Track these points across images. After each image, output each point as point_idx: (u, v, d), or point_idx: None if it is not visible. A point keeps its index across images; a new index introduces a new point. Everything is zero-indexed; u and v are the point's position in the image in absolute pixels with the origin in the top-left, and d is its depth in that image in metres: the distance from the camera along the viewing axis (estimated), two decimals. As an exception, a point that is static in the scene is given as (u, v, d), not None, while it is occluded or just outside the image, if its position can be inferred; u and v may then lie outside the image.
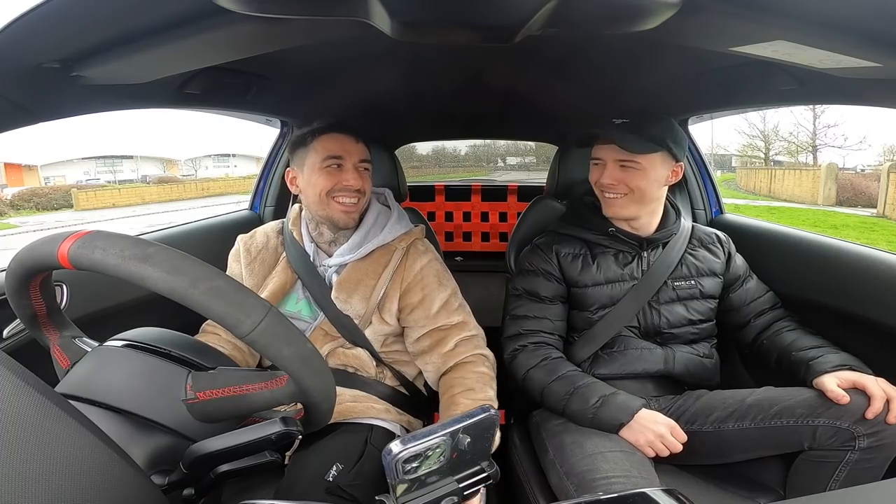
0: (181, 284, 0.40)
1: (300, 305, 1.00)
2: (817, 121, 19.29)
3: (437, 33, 0.59)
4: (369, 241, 0.99)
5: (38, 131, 17.76)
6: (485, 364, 0.96)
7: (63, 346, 0.54)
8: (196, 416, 0.48)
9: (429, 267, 1.01)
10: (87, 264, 0.41)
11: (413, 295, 0.98)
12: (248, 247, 1.06)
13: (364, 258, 0.99)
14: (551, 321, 1.03)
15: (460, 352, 0.96)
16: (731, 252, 1.10)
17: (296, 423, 0.47)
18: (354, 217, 0.98)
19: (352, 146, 0.97)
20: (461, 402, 0.88)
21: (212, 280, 0.41)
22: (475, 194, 2.09)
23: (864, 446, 0.77)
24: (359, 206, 0.98)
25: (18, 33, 0.52)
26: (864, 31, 0.52)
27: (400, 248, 1.01)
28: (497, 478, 0.44)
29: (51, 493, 0.31)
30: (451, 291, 1.01)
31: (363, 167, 0.99)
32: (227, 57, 0.80)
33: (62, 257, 0.42)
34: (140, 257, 0.40)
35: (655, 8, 0.50)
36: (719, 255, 1.08)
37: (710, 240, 1.10)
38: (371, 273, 0.98)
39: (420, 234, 1.07)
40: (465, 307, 1.03)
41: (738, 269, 1.08)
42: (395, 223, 1.03)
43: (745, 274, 1.09)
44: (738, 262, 1.09)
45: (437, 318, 0.97)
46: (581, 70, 1.12)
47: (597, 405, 0.88)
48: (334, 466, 0.79)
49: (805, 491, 0.83)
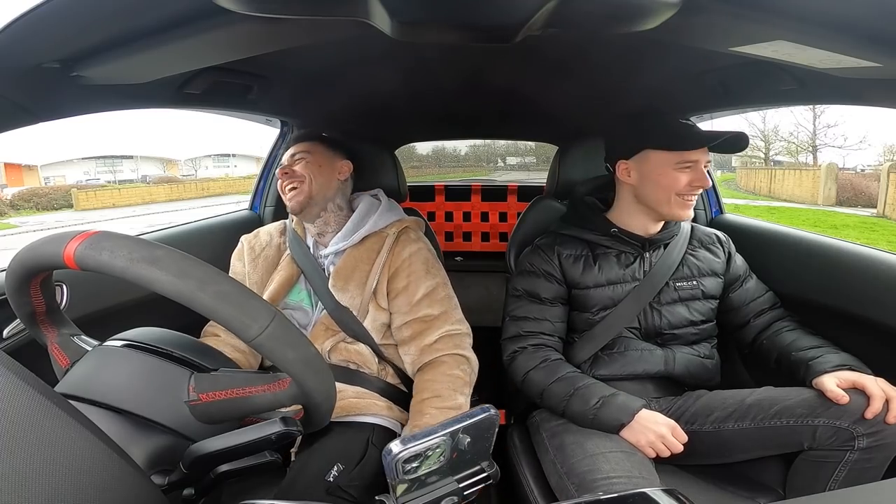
0: (189, 288, 0.40)
1: (302, 296, 1.04)
2: (817, 121, 19.32)
3: (437, 33, 0.59)
4: (360, 228, 1.03)
5: (38, 131, 17.79)
6: (461, 367, 0.96)
7: (62, 345, 0.54)
8: (198, 417, 0.49)
9: (417, 254, 1.02)
10: (94, 266, 0.41)
11: (399, 280, 1.00)
12: (251, 245, 1.10)
13: (358, 246, 1.02)
14: (551, 323, 1.03)
15: (439, 348, 0.97)
16: (731, 252, 1.09)
17: (296, 422, 0.47)
18: (299, 200, 1.02)
19: (295, 148, 1.08)
20: (428, 411, 0.89)
21: (219, 284, 0.41)
22: (475, 194, 2.09)
23: (863, 446, 0.77)
24: (300, 190, 1.02)
25: (18, 33, 0.52)
26: (864, 31, 0.52)
27: (391, 234, 1.04)
28: (497, 478, 0.45)
29: (51, 493, 0.31)
30: (438, 281, 1.02)
31: (299, 157, 1.06)
32: (227, 57, 0.80)
33: (68, 258, 0.42)
34: (148, 260, 0.40)
35: (656, 8, 0.49)
36: (720, 255, 1.08)
37: (711, 240, 1.10)
38: (365, 259, 1.01)
39: (414, 225, 1.09)
40: (452, 301, 1.03)
41: (738, 269, 1.08)
42: (385, 211, 1.08)
43: (745, 274, 1.09)
44: (738, 262, 1.09)
45: (419, 305, 0.98)
46: (581, 70, 1.11)
47: (597, 406, 0.88)
48: (335, 467, 0.79)
49: (805, 491, 0.83)
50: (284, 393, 0.47)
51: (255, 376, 0.49)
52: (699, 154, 0.95)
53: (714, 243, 1.09)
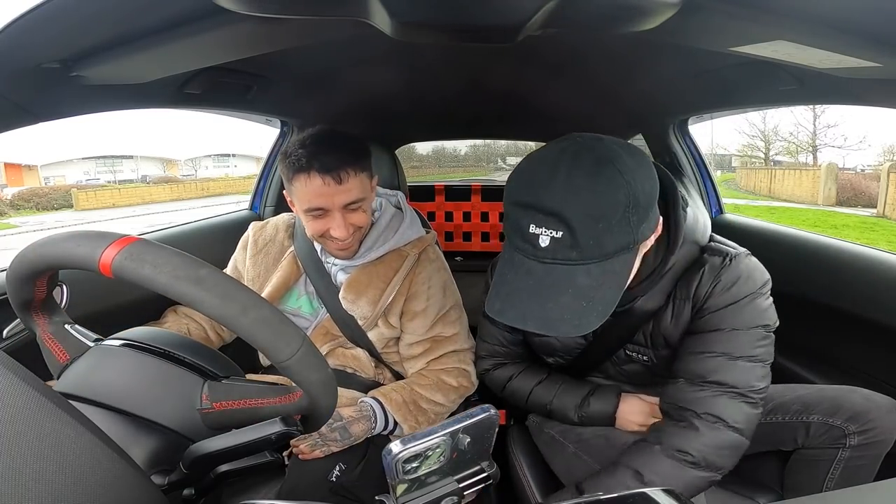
0: (232, 312, 0.41)
1: (301, 302, 1.00)
2: (817, 121, 19.29)
3: (437, 33, 0.59)
4: (381, 245, 0.97)
5: (38, 131, 17.76)
6: (458, 378, 0.97)
7: (57, 336, 0.53)
8: (209, 424, 0.49)
9: (437, 277, 1.00)
10: (135, 278, 0.41)
11: (417, 303, 0.97)
12: (256, 238, 1.06)
13: (375, 261, 0.97)
14: (515, 346, 0.96)
15: (444, 361, 0.98)
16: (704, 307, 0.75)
17: (296, 422, 0.47)
18: (353, 249, 0.94)
19: (334, 190, 0.83)
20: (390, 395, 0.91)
21: (259, 309, 0.42)
22: (475, 194, 2.09)
23: (854, 444, 0.78)
24: (355, 238, 0.92)
25: (18, 33, 0.52)
26: (864, 31, 0.52)
27: (412, 254, 0.99)
28: (497, 478, 0.45)
29: (51, 494, 0.31)
30: (453, 303, 1.01)
31: (353, 208, 0.87)
32: (227, 57, 0.80)
33: (104, 266, 0.41)
34: (193, 280, 0.40)
35: (655, 8, 0.50)
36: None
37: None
38: (382, 276, 0.96)
39: (432, 241, 1.06)
40: (463, 320, 1.03)
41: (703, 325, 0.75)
42: (407, 228, 1.01)
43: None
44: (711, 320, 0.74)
45: (434, 328, 0.98)
46: (581, 70, 1.12)
47: (579, 414, 0.87)
48: (337, 467, 0.79)
49: (802, 489, 0.83)
50: (294, 405, 0.48)
51: (269, 389, 0.50)
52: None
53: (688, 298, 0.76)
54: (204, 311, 0.41)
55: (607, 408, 0.86)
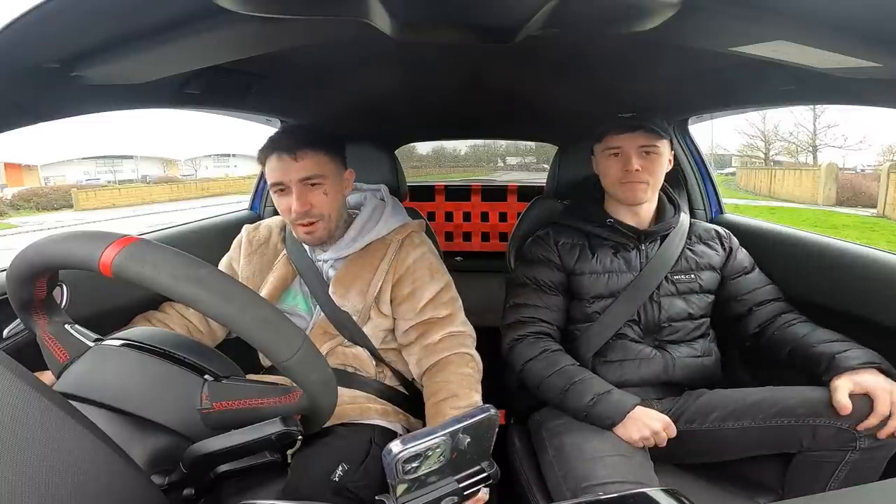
0: (231, 311, 0.41)
1: (297, 300, 1.01)
2: (817, 121, 19.30)
3: (437, 33, 0.59)
4: (364, 235, 1.00)
5: (38, 131, 17.75)
6: (469, 364, 0.96)
7: (57, 335, 0.53)
8: (209, 424, 0.49)
9: (422, 260, 1.01)
10: (135, 277, 0.41)
11: (403, 286, 0.98)
12: (250, 238, 1.07)
13: (360, 252, 0.99)
14: (550, 311, 1.04)
15: (444, 347, 0.96)
16: (732, 247, 1.10)
17: (296, 422, 0.47)
18: (320, 236, 0.95)
19: (289, 165, 0.90)
20: (447, 412, 0.88)
21: (258, 309, 0.42)
22: (475, 194, 2.09)
23: (865, 446, 0.78)
24: (320, 224, 0.94)
25: (18, 33, 0.52)
26: (864, 31, 0.52)
27: (395, 241, 1.01)
28: (497, 478, 0.45)
29: (51, 494, 0.31)
30: (442, 285, 1.01)
31: (309, 183, 0.91)
32: (228, 57, 0.80)
33: (104, 266, 0.41)
34: (193, 280, 0.41)
35: (655, 8, 0.50)
36: (718, 250, 1.08)
37: (710, 235, 1.11)
38: (367, 267, 0.98)
39: (417, 228, 1.07)
40: (457, 303, 1.02)
41: (739, 263, 1.08)
42: (389, 216, 1.04)
43: (750, 267, 1.08)
44: (740, 256, 1.09)
45: (425, 310, 0.97)
46: (581, 70, 1.12)
47: (591, 404, 0.88)
48: (339, 467, 0.79)
49: (805, 490, 0.83)
50: (294, 405, 0.48)
51: (270, 389, 0.50)
52: (622, 140, 1.00)
53: (713, 239, 1.10)
54: (204, 311, 0.41)
55: (626, 403, 0.87)
